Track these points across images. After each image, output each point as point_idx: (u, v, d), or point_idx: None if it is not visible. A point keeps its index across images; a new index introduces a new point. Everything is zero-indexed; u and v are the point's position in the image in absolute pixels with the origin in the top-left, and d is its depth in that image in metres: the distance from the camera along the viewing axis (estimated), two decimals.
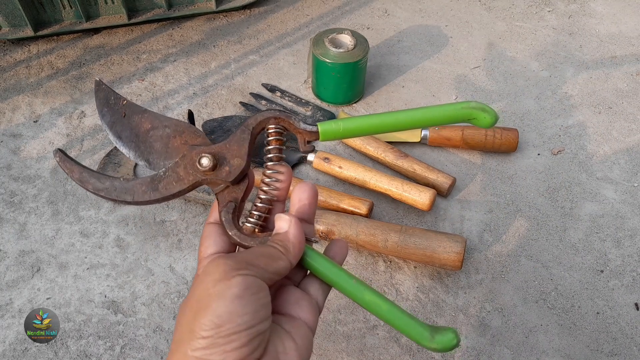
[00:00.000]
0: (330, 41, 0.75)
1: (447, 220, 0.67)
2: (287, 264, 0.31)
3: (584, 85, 0.85)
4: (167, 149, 0.33)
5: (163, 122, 0.34)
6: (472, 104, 0.35)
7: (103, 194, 0.33)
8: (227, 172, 0.33)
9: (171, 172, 0.33)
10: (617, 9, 1.01)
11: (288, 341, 0.31)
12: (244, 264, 0.29)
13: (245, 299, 0.27)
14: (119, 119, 0.34)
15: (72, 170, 0.33)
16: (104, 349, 0.55)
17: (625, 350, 0.56)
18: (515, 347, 0.56)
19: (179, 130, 0.33)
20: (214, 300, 0.27)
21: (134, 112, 0.34)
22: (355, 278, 0.34)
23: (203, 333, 0.27)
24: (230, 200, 0.33)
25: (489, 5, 1.01)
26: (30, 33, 0.85)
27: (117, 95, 0.35)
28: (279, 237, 0.32)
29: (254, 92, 0.82)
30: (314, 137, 0.34)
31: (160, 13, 0.90)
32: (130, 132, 0.34)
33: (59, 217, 0.65)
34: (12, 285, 0.59)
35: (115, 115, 0.34)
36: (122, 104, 0.34)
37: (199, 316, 0.27)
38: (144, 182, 0.33)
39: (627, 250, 0.64)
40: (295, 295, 0.33)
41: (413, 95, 0.83)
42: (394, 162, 0.70)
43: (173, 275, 0.61)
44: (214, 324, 0.27)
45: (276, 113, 0.34)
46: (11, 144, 0.74)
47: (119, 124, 0.34)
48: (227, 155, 0.33)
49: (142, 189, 0.32)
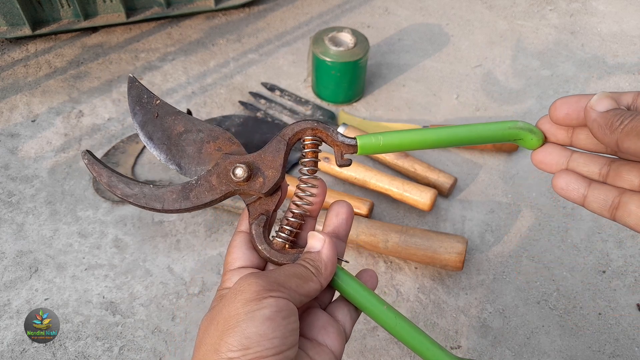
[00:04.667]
0: (331, 40, 0.75)
1: (448, 221, 0.66)
2: (318, 285, 0.30)
3: (586, 84, 0.85)
4: (200, 155, 0.32)
5: (197, 126, 0.32)
6: (520, 124, 0.33)
7: (132, 200, 0.32)
8: (261, 183, 0.32)
9: (204, 180, 0.32)
10: (618, 7, 1.00)
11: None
12: (276, 285, 0.28)
13: (275, 322, 0.26)
14: (151, 119, 0.33)
15: (101, 174, 0.32)
16: (102, 350, 0.54)
17: (627, 352, 0.56)
18: (516, 349, 0.56)
19: (213, 136, 0.32)
20: (243, 321, 0.26)
21: (167, 113, 0.33)
22: (385, 303, 0.32)
23: (230, 354, 0.26)
24: (262, 213, 0.32)
25: (490, 3, 1.01)
26: (28, 32, 0.84)
27: (151, 94, 0.33)
28: (310, 256, 0.31)
29: (254, 91, 0.82)
30: (351, 150, 0.33)
31: (159, 11, 0.90)
32: (162, 133, 0.33)
33: (57, 218, 0.65)
34: (10, 286, 0.59)
35: (147, 114, 0.33)
36: (155, 103, 0.33)
37: (226, 335, 0.26)
38: (174, 190, 0.32)
39: (629, 251, 0.64)
40: (322, 320, 0.32)
41: (414, 94, 0.83)
42: (394, 162, 0.70)
43: (171, 276, 0.60)
44: (242, 345, 0.26)
45: (314, 124, 0.33)
46: (9, 144, 0.73)
47: (150, 124, 0.33)
48: (262, 166, 0.32)
49: (172, 197, 0.32)
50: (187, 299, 0.58)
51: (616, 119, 0.28)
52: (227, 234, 0.64)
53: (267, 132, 0.74)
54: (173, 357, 0.54)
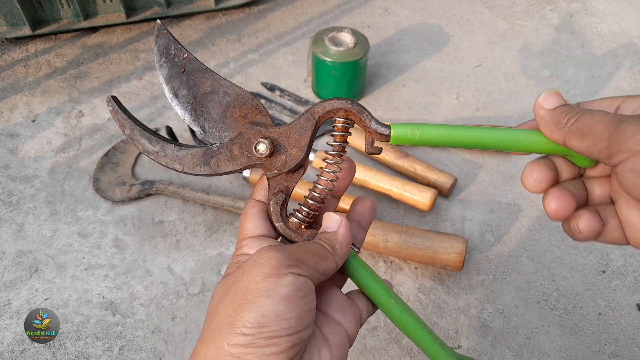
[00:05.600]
0: (331, 40, 0.75)
1: (448, 221, 0.66)
2: (334, 264, 0.30)
3: (586, 84, 0.85)
4: (225, 120, 0.31)
5: (224, 88, 0.31)
6: None
7: (152, 157, 0.31)
8: (283, 161, 0.31)
9: (225, 149, 0.31)
10: (618, 7, 1.00)
11: (325, 350, 0.29)
12: (295, 261, 0.27)
13: (293, 302, 0.26)
14: (177, 74, 0.31)
15: (124, 124, 0.31)
16: (102, 350, 0.54)
17: (626, 352, 0.56)
18: (516, 349, 0.56)
19: (240, 101, 0.31)
20: (261, 297, 0.26)
21: (194, 69, 0.31)
22: (394, 297, 0.33)
23: (244, 330, 0.25)
24: (281, 190, 0.32)
25: (490, 3, 1.01)
26: (28, 32, 0.84)
27: (179, 45, 0.31)
28: (327, 236, 0.31)
29: (254, 91, 0.82)
30: (383, 139, 0.31)
31: (159, 11, 0.90)
32: (188, 91, 0.31)
33: (57, 217, 0.65)
34: (10, 286, 0.59)
35: (174, 68, 0.31)
36: (182, 56, 0.31)
37: (242, 310, 0.26)
38: (195, 154, 0.31)
39: (629, 251, 0.64)
40: (342, 300, 0.32)
41: (414, 94, 0.83)
42: (394, 162, 0.70)
43: (171, 276, 0.60)
44: (258, 323, 0.25)
45: (348, 104, 0.30)
46: (9, 144, 0.73)
47: (177, 79, 0.31)
48: (286, 143, 0.30)
49: (193, 160, 0.31)
50: (187, 299, 0.58)
51: (563, 117, 0.28)
52: (227, 234, 0.64)
53: None
54: (173, 357, 0.54)
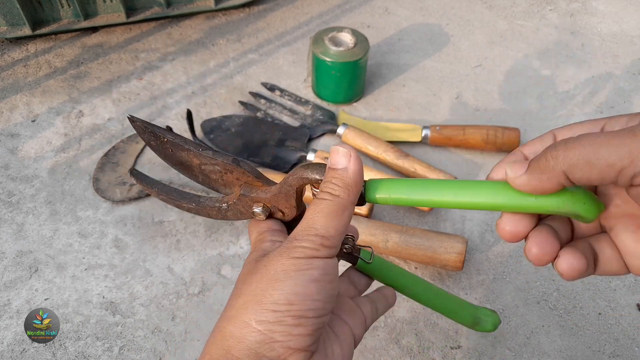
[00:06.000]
0: (330, 40, 0.75)
1: (448, 221, 0.66)
2: (352, 208, 0.29)
3: (586, 84, 0.85)
4: (224, 181, 0.34)
5: (210, 160, 0.33)
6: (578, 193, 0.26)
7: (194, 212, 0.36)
8: (282, 216, 0.34)
9: (233, 207, 0.34)
10: (619, 7, 1.00)
11: (336, 346, 0.30)
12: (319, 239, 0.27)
13: (322, 284, 0.27)
14: (169, 154, 0.34)
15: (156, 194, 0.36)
16: (102, 350, 0.54)
17: (627, 352, 0.56)
18: (516, 349, 0.56)
19: (228, 169, 0.33)
20: (291, 277, 0.26)
21: (177, 149, 0.33)
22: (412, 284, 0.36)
23: (273, 306, 0.26)
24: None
25: (490, 3, 1.01)
26: (28, 32, 0.84)
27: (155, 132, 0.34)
28: (336, 174, 0.28)
29: (254, 91, 0.82)
30: None
31: (159, 11, 0.90)
32: (181, 165, 0.34)
33: (57, 217, 0.65)
34: (10, 285, 0.59)
35: (162, 152, 0.35)
36: (164, 141, 0.33)
37: (272, 288, 0.26)
38: (214, 209, 0.34)
39: None
40: (350, 305, 0.34)
41: (414, 94, 0.83)
42: (394, 162, 0.70)
43: (171, 276, 0.60)
44: (287, 301, 0.26)
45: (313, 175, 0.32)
46: (9, 144, 0.73)
47: (170, 158, 0.34)
48: (278, 205, 0.33)
49: (213, 212, 0.35)
50: (187, 299, 0.58)
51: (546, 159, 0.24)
52: (227, 234, 0.64)
53: (267, 132, 0.74)
54: (173, 357, 0.54)
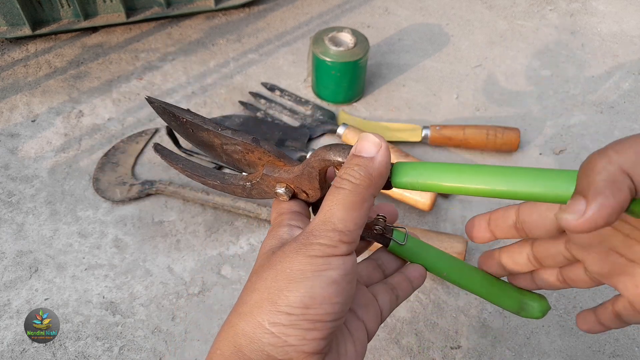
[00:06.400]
0: (330, 40, 0.75)
1: (448, 221, 0.66)
2: (372, 200, 0.27)
3: (586, 84, 0.85)
4: (247, 160, 0.33)
5: (231, 140, 0.33)
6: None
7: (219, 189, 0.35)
8: (306, 197, 0.32)
9: (257, 186, 0.33)
10: (619, 7, 1.00)
11: (350, 345, 0.29)
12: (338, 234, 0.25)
13: (341, 286, 0.25)
14: (190, 134, 0.34)
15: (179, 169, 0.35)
16: (102, 350, 0.54)
17: (626, 352, 0.56)
18: (516, 349, 0.56)
19: (249, 149, 0.32)
20: (308, 278, 0.24)
21: (197, 129, 0.33)
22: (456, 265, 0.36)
23: (288, 309, 0.24)
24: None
25: (490, 3, 1.01)
26: (28, 32, 0.84)
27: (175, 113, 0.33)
28: (360, 161, 0.26)
29: (254, 91, 0.82)
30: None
31: (159, 11, 0.90)
32: (204, 145, 0.34)
33: (57, 218, 0.65)
34: (10, 286, 0.59)
35: (184, 132, 0.34)
36: (183, 121, 0.33)
37: (287, 290, 0.24)
38: (238, 186, 0.34)
39: None
40: (366, 297, 0.31)
41: (414, 94, 0.83)
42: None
43: (171, 276, 0.60)
44: (303, 304, 0.24)
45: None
46: (9, 144, 0.73)
47: (192, 138, 0.34)
48: (302, 186, 0.32)
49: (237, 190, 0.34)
50: (187, 299, 0.58)
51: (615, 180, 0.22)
52: (227, 234, 0.64)
53: (267, 132, 0.74)
54: (173, 357, 0.54)
